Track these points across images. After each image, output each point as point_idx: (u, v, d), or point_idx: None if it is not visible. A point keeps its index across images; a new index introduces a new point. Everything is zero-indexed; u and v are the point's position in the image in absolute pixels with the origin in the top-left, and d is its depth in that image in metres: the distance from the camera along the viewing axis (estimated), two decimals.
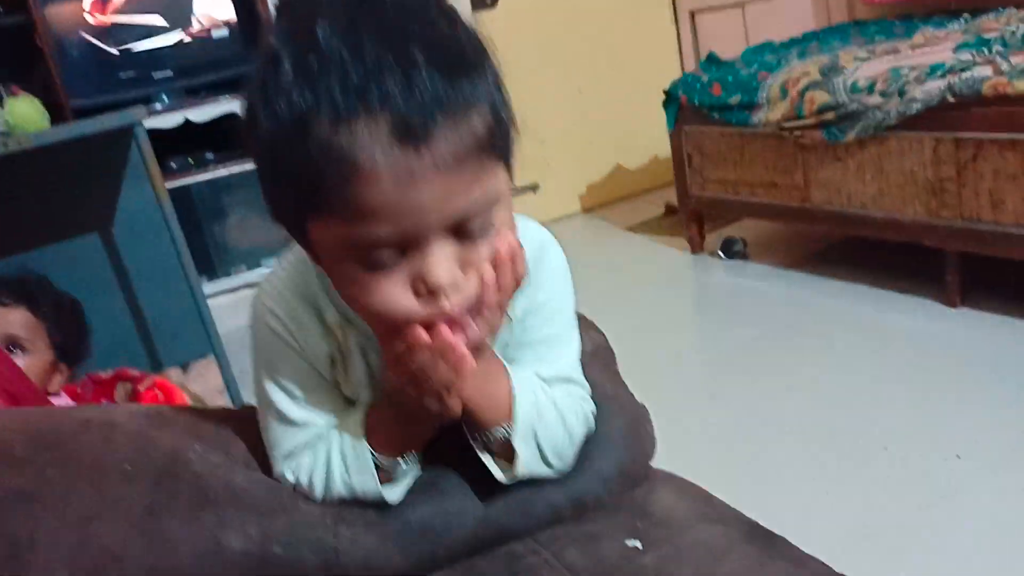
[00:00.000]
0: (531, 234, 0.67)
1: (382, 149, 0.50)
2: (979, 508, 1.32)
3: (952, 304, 1.97)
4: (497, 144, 0.57)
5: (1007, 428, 1.49)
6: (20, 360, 1.22)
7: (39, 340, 1.26)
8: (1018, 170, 1.71)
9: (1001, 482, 1.36)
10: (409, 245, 0.55)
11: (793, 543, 0.66)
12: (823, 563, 0.63)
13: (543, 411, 0.66)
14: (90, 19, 2.63)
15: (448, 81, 0.52)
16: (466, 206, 0.54)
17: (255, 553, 0.62)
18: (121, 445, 0.66)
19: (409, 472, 0.66)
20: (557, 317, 0.70)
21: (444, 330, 0.56)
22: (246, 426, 0.70)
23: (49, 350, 1.31)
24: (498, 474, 0.65)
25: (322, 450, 0.65)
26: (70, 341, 1.36)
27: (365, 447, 0.64)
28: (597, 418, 0.70)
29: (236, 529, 0.62)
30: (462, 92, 0.53)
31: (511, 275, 0.57)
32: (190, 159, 2.72)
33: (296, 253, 0.66)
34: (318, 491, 0.65)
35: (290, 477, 0.66)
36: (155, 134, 2.26)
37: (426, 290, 0.55)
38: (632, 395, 0.76)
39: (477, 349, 0.58)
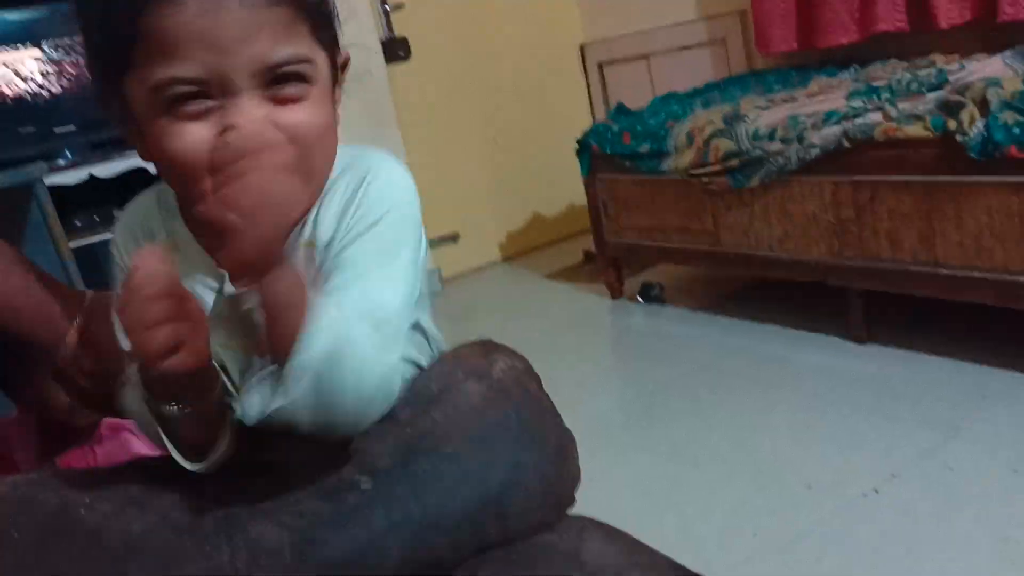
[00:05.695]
0: (357, 161, 0.67)
1: None
2: (899, 541, 1.35)
3: (860, 340, 2.05)
4: (314, 13, 0.59)
5: (921, 459, 1.55)
6: None
7: None
8: (912, 210, 1.81)
9: (918, 513, 1.41)
10: (218, 92, 0.56)
11: None
12: None
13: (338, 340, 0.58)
14: None
15: None
16: (271, 54, 0.56)
17: None
18: (4, 513, 0.62)
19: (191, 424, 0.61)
20: (368, 242, 0.63)
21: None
22: (135, 470, 0.68)
23: None
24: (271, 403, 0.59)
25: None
26: None
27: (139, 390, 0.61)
28: (529, 428, 0.70)
29: None
30: None
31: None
32: (96, 216, 2.62)
33: (145, 193, 0.72)
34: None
35: None
36: (58, 191, 2.17)
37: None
38: (562, 418, 0.77)
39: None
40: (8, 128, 2.56)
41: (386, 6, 3.13)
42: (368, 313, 0.60)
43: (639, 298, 2.67)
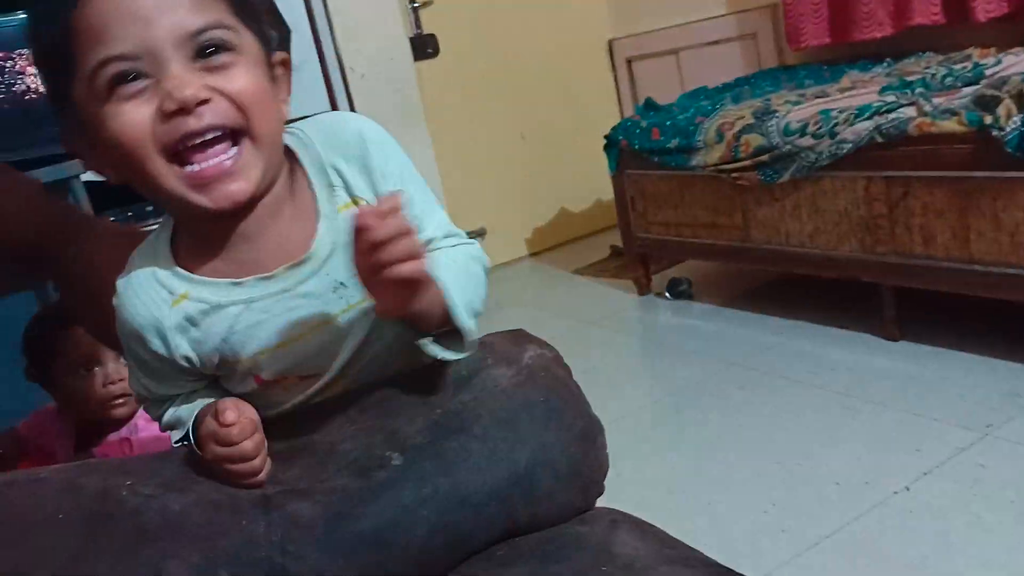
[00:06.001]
0: (324, 126, 0.70)
1: None
2: (930, 539, 1.34)
3: (892, 337, 2.03)
4: None
5: (953, 458, 1.53)
6: None
7: None
8: (946, 206, 1.78)
9: (950, 511, 1.39)
10: (151, 67, 0.58)
11: None
12: None
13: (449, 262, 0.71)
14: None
15: None
16: (191, 21, 0.59)
17: None
18: (49, 497, 0.64)
19: None
20: (412, 188, 0.71)
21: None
22: (174, 456, 0.70)
23: None
24: (449, 354, 0.69)
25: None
26: None
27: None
28: (556, 411, 0.72)
29: (177, 558, 0.61)
30: None
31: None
32: (129, 211, 2.66)
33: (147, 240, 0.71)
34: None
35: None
36: (92, 187, 2.20)
37: (173, 107, 0.58)
38: (589, 405, 0.77)
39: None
40: (44, 126, 2.61)
41: (414, 3, 3.14)
42: (452, 232, 0.74)
43: (667, 294, 2.66)
